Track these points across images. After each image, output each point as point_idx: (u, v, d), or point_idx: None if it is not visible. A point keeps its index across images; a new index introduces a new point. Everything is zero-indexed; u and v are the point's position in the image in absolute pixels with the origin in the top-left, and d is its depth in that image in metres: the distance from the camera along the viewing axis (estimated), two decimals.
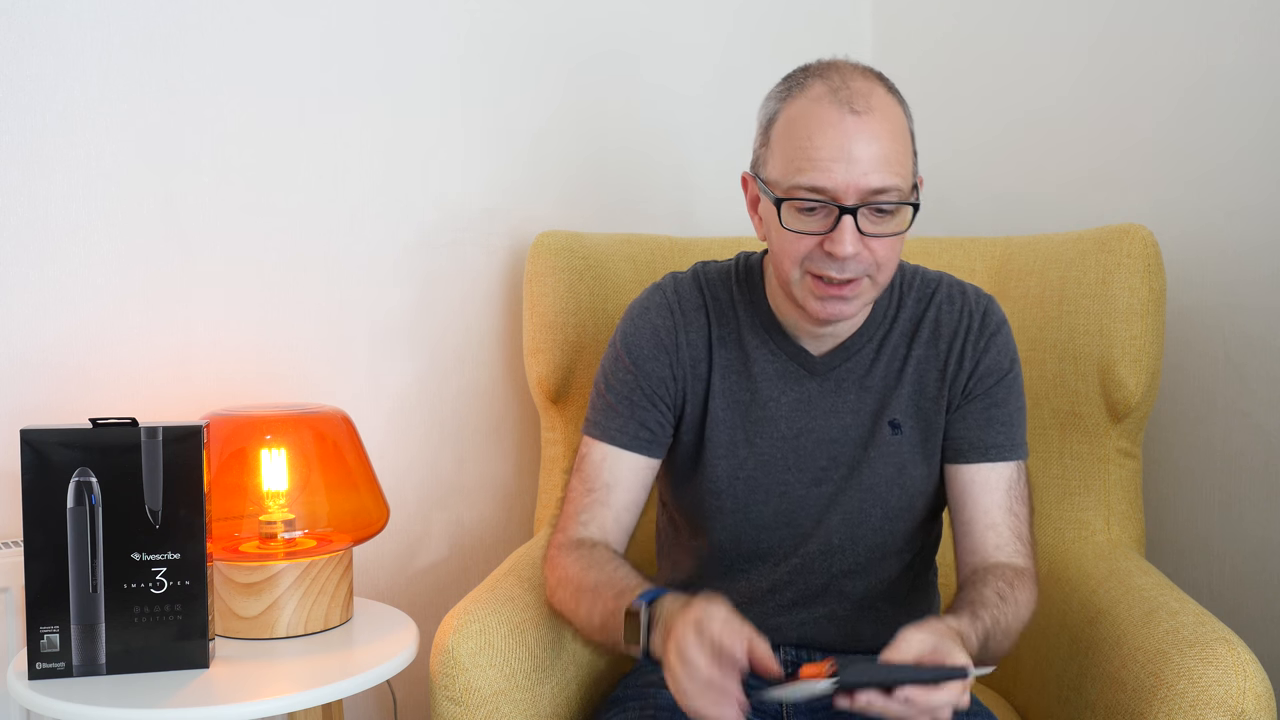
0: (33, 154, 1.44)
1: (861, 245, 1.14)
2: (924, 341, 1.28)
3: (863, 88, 1.15)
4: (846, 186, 1.12)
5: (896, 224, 1.15)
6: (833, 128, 1.12)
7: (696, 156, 2.03)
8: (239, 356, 1.61)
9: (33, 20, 1.43)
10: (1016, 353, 1.30)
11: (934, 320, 1.28)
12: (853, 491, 1.28)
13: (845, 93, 1.14)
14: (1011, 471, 1.27)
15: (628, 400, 1.28)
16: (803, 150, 1.13)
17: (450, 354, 1.80)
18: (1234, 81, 1.69)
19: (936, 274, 1.33)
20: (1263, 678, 1.11)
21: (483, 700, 1.18)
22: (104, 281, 1.50)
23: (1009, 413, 1.28)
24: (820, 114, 1.13)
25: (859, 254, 1.14)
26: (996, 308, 1.31)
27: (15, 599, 1.37)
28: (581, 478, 1.29)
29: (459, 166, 1.79)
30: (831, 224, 1.13)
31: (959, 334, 1.28)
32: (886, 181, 1.12)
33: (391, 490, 1.69)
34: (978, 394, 1.27)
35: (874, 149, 1.12)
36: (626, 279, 1.70)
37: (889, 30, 2.18)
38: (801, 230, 1.15)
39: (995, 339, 1.28)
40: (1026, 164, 1.97)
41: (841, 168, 1.11)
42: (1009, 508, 1.25)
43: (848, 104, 1.13)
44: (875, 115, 1.13)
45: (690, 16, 2.03)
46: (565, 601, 1.24)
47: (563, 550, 1.26)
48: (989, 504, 1.25)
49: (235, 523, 1.41)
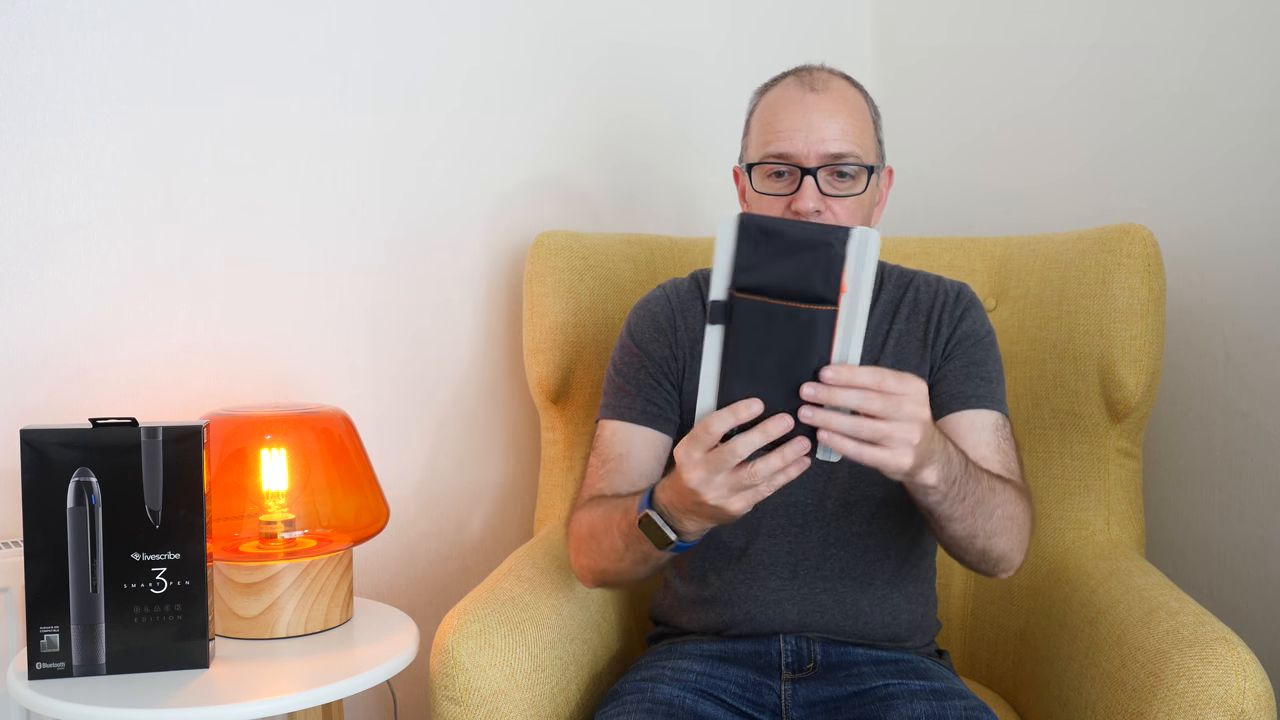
0: (33, 154, 1.44)
1: (824, 205, 1.28)
2: (904, 318, 1.37)
3: (824, 76, 1.33)
4: (807, 151, 1.27)
5: (856, 187, 1.29)
6: (795, 103, 1.30)
7: (696, 156, 2.03)
8: (239, 356, 1.61)
9: (33, 20, 1.43)
10: (992, 330, 1.37)
11: (912, 300, 1.38)
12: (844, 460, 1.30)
13: (808, 78, 1.32)
14: (996, 419, 1.31)
15: (635, 381, 1.37)
16: (770, 125, 1.31)
17: (450, 354, 1.81)
18: (1234, 81, 1.69)
19: (913, 269, 1.43)
20: (1263, 678, 1.11)
21: (483, 700, 1.19)
22: (104, 281, 1.50)
23: (988, 372, 1.34)
24: (785, 95, 1.32)
25: (824, 214, 1.28)
26: (970, 291, 1.39)
27: (15, 599, 1.37)
28: (596, 453, 1.37)
29: (459, 167, 1.79)
30: (796, 185, 1.28)
31: (935, 306, 1.36)
32: (843, 148, 1.28)
33: (391, 490, 1.69)
34: (956, 355, 1.34)
35: (831, 120, 1.28)
36: (626, 279, 1.70)
37: (889, 30, 2.18)
38: (770, 192, 1.30)
39: (971, 310, 1.37)
40: (1027, 164, 1.97)
41: (802, 135, 1.28)
42: (996, 446, 1.30)
43: (809, 85, 1.31)
44: (833, 93, 1.30)
45: (691, 17, 2.03)
46: (589, 552, 1.29)
47: (577, 513, 1.33)
48: (976, 441, 1.29)
49: (235, 523, 1.41)
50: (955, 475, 1.11)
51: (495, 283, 1.84)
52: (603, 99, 1.94)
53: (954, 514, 1.14)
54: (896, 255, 1.69)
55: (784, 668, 1.31)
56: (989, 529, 1.18)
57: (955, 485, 1.11)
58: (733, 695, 1.27)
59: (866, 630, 1.33)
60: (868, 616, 1.33)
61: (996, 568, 1.24)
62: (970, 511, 1.15)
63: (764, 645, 1.32)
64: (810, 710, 1.27)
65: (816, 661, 1.31)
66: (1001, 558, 1.22)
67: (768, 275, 0.93)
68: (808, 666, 1.30)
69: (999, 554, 1.21)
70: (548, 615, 1.31)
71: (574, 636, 1.34)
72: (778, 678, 1.30)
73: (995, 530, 1.19)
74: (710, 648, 1.34)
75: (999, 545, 1.20)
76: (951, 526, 1.17)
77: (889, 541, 1.34)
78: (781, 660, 1.31)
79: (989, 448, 1.29)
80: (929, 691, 1.23)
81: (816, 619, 1.33)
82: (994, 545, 1.20)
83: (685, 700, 1.23)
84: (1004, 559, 1.23)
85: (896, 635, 1.34)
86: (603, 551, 1.25)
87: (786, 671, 1.30)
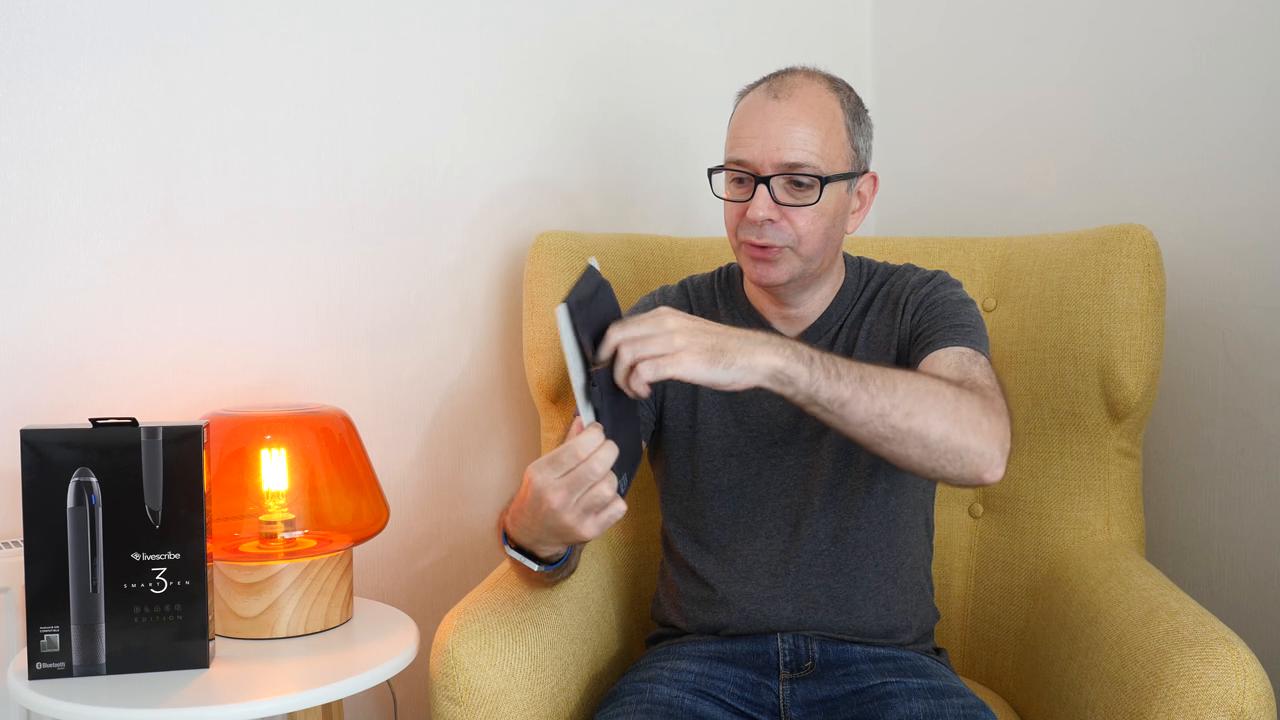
0: (33, 154, 1.44)
1: (779, 214, 1.28)
2: (875, 310, 1.38)
3: (795, 81, 1.31)
4: (763, 159, 1.28)
5: (811, 197, 1.28)
6: (757, 110, 1.30)
7: (697, 156, 2.02)
8: (239, 356, 1.61)
9: (33, 20, 1.43)
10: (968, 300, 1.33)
11: (885, 293, 1.39)
12: (825, 453, 1.35)
13: (777, 85, 1.31)
14: (964, 349, 1.26)
15: None
16: (734, 131, 1.32)
17: (450, 354, 1.81)
18: (1234, 81, 1.69)
19: (899, 265, 1.43)
20: (1263, 677, 1.12)
21: (483, 700, 1.19)
22: (104, 281, 1.50)
23: (960, 321, 1.29)
24: (752, 101, 1.32)
25: (779, 222, 1.28)
26: (946, 275, 1.37)
27: (15, 599, 1.37)
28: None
29: (460, 167, 1.79)
30: (751, 192, 1.29)
31: (905, 291, 1.36)
32: (798, 157, 1.27)
33: (391, 490, 1.69)
34: (925, 319, 1.32)
35: (791, 128, 1.27)
36: (626, 279, 1.70)
37: (889, 30, 2.18)
38: (730, 198, 1.33)
39: (941, 287, 1.34)
40: (1027, 164, 1.97)
41: (759, 143, 1.28)
42: (956, 365, 1.23)
43: (774, 93, 1.30)
44: (795, 101, 1.29)
45: (691, 17, 2.03)
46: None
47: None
48: (934, 368, 1.24)
49: (235, 523, 1.41)
50: (811, 355, 1.09)
51: (495, 283, 1.84)
52: (603, 99, 1.94)
53: (841, 394, 1.09)
54: (896, 255, 1.69)
55: (782, 667, 1.31)
56: (900, 405, 1.10)
57: (816, 364, 1.09)
58: (731, 695, 1.28)
59: (861, 624, 1.33)
60: (862, 610, 1.33)
61: (964, 464, 1.13)
62: (859, 387, 1.10)
63: (762, 645, 1.32)
64: (809, 709, 1.27)
65: (814, 660, 1.31)
66: (946, 441, 1.12)
67: (592, 339, 1.07)
68: (806, 666, 1.31)
69: (939, 435, 1.11)
70: (548, 615, 1.31)
71: (574, 636, 1.34)
72: (776, 677, 1.30)
73: (911, 406, 1.11)
74: (708, 648, 1.34)
75: (930, 423, 1.11)
76: (850, 411, 1.10)
77: (879, 534, 1.35)
78: (780, 660, 1.31)
79: (947, 368, 1.23)
80: (927, 689, 1.23)
81: (811, 615, 1.33)
82: (919, 424, 1.11)
83: (684, 701, 1.23)
84: (950, 443, 1.12)
85: (892, 627, 1.34)
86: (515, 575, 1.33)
87: (785, 671, 1.30)
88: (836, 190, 1.30)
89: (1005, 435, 1.17)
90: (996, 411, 1.17)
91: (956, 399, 1.14)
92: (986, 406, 1.16)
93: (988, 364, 1.26)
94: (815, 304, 1.38)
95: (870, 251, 1.63)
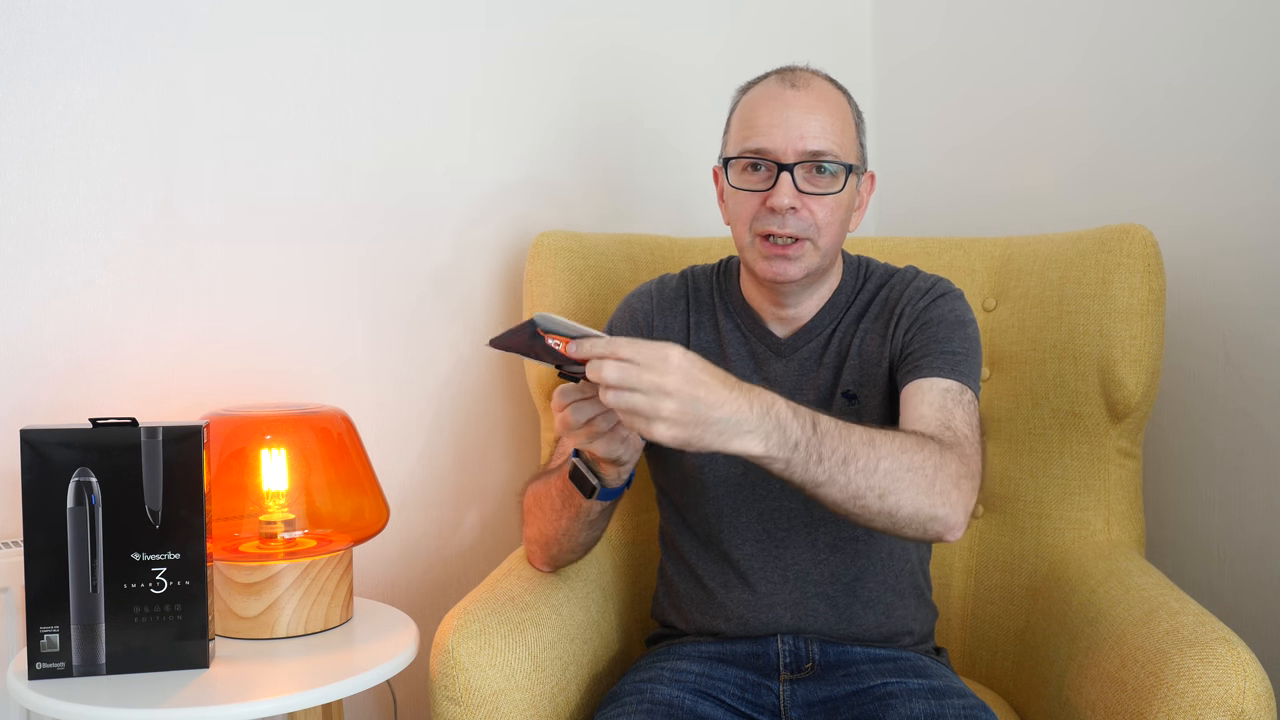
0: (33, 154, 1.44)
1: (800, 203, 1.27)
2: (871, 317, 1.36)
3: (807, 75, 1.32)
4: (785, 147, 1.26)
5: (835, 185, 1.28)
6: (775, 99, 1.29)
7: (696, 156, 2.02)
8: (239, 356, 1.61)
9: (33, 20, 1.43)
10: (967, 318, 1.31)
11: (883, 298, 1.37)
12: None
13: (790, 76, 1.31)
14: (949, 384, 1.23)
15: None
16: (749, 121, 1.30)
17: (450, 354, 1.81)
18: (1234, 81, 1.69)
19: (903, 267, 1.41)
20: (1263, 678, 1.12)
21: (483, 700, 1.19)
22: (104, 281, 1.50)
23: (952, 348, 1.27)
24: (766, 91, 1.31)
25: (800, 211, 1.27)
26: (947, 284, 1.35)
27: (15, 599, 1.37)
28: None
29: (460, 167, 1.79)
30: (773, 180, 1.27)
31: (902, 300, 1.34)
32: (821, 145, 1.27)
33: (391, 490, 1.69)
34: (918, 337, 1.29)
35: (811, 117, 1.27)
36: (626, 279, 1.70)
37: (889, 30, 2.18)
38: (747, 187, 1.29)
39: (941, 300, 1.32)
40: (1027, 164, 1.97)
41: (780, 131, 1.27)
42: (940, 405, 1.21)
43: (790, 83, 1.30)
44: (813, 92, 1.29)
45: (691, 18, 2.03)
46: (534, 520, 1.35)
47: (529, 485, 1.38)
48: (918, 403, 1.22)
49: (235, 523, 1.41)
50: (797, 439, 1.03)
51: (495, 283, 1.84)
52: (603, 99, 1.94)
53: (818, 478, 1.05)
54: (896, 255, 1.69)
55: (782, 668, 1.31)
56: (876, 486, 1.06)
57: (799, 449, 1.03)
58: (731, 696, 1.27)
59: (862, 632, 1.33)
60: (862, 619, 1.33)
61: (926, 530, 1.10)
62: (839, 470, 1.05)
63: (762, 646, 1.32)
64: (809, 710, 1.27)
65: (815, 661, 1.31)
66: (915, 516, 1.09)
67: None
68: (806, 666, 1.30)
69: (909, 512, 1.08)
70: (548, 615, 1.31)
71: (574, 636, 1.34)
72: (776, 678, 1.30)
73: (887, 487, 1.07)
74: (708, 649, 1.34)
75: (902, 503, 1.08)
76: (825, 492, 1.06)
77: (877, 544, 1.34)
78: (780, 661, 1.31)
79: (930, 406, 1.21)
80: (927, 690, 1.23)
81: (810, 623, 1.33)
82: (891, 504, 1.07)
83: (684, 701, 1.23)
84: (919, 516, 1.09)
85: (893, 632, 1.34)
86: (544, 513, 1.32)
87: (785, 672, 1.30)
88: (851, 181, 1.30)
89: (973, 498, 1.14)
90: (970, 474, 1.14)
91: (935, 471, 1.10)
92: (961, 471, 1.13)
93: (973, 401, 1.24)
94: (811, 304, 1.37)
95: (870, 251, 1.63)
